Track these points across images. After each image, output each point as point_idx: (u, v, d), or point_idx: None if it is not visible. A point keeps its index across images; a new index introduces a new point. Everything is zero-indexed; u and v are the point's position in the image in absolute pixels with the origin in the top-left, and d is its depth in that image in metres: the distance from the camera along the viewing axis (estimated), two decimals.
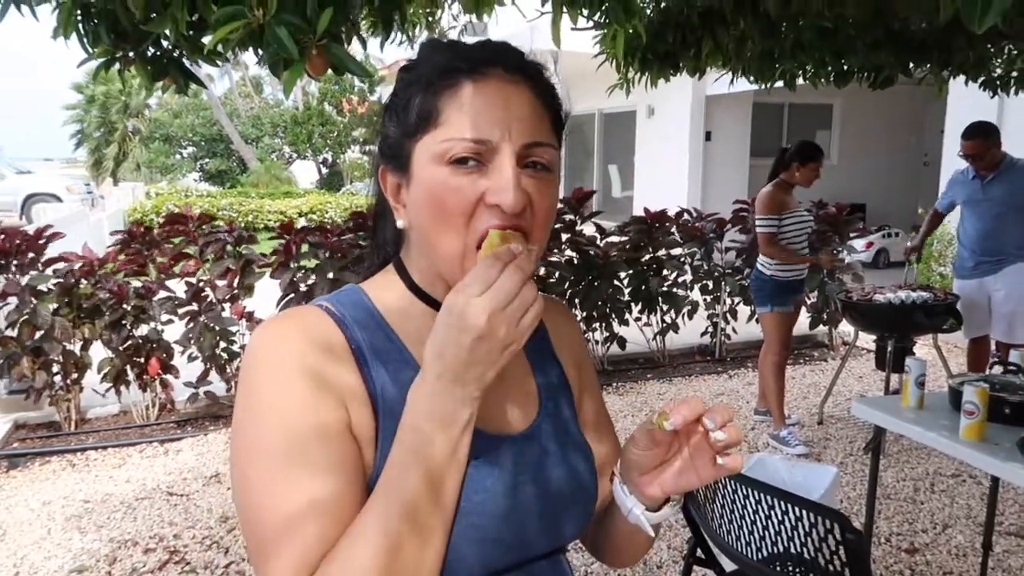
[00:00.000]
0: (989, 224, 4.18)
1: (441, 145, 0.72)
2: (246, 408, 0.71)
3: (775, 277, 4.18)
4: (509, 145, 0.71)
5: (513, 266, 0.64)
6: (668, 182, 11.95)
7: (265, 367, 0.71)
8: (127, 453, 4.17)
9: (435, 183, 0.72)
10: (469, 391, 0.65)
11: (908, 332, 4.11)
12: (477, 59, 0.74)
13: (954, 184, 4.42)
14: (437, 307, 0.79)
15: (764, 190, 4.18)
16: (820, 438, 4.28)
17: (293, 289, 4.55)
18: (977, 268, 4.27)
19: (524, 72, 0.75)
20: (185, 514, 3.43)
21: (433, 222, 0.73)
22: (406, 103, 0.75)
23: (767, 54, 3.15)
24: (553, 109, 0.78)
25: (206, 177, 24.78)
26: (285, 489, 0.66)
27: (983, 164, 4.11)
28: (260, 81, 28.38)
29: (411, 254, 0.82)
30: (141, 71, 1.63)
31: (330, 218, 15.07)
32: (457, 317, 0.63)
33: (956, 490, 3.59)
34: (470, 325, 0.63)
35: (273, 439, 0.68)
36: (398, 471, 0.66)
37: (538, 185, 0.73)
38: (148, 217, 13.94)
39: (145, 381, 4.47)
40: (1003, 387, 2.25)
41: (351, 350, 0.74)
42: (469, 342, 0.63)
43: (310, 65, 1.27)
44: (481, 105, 0.72)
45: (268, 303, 4.57)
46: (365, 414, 0.72)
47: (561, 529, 0.81)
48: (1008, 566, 2.93)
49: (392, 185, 0.79)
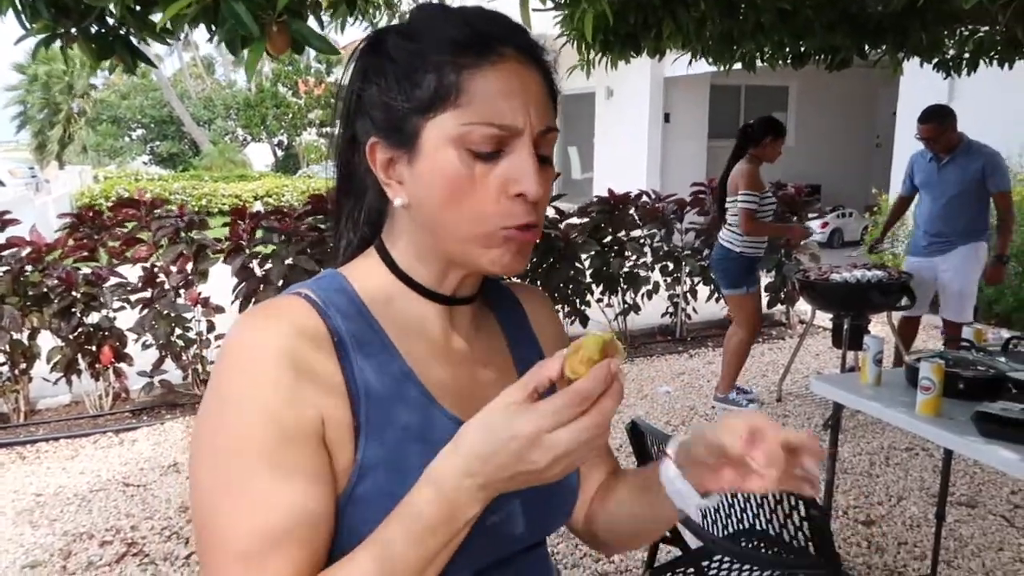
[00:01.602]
0: (942, 206, 4.25)
1: (461, 128, 0.68)
2: (216, 407, 0.67)
3: (745, 253, 4.21)
4: (529, 131, 0.70)
5: (598, 412, 0.59)
6: (627, 164, 12.00)
7: (240, 366, 0.67)
8: (80, 444, 4.06)
9: (454, 168, 0.69)
10: (490, 494, 0.62)
11: (863, 310, 4.19)
12: (493, 36, 0.70)
13: (913, 164, 4.49)
14: (421, 291, 0.78)
15: (742, 167, 4.15)
16: (779, 415, 4.36)
17: (247, 275, 4.46)
18: (928, 248, 4.36)
19: (534, 53, 0.73)
20: (143, 505, 3.35)
21: (450, 206, 0.70)
22: (410, 74, 0.71)
23: (726, 35, 3.16)
24: (553, 91, 0.75)
25: (157, 160, 24.17)
26: (252, 499, 0.63)
27: (939, 147, 4.17)
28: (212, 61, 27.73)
29: (397, 235, 0.78)
30: (85, 49, 1.55)
31: (287, 201, 14.82)
32: (519, 446, 0.59)
33: (910, 463, 3.70)
34: (527, 459, 0.59)
35: (243, 445, 0.64)
36: (392, 549, 0.62)
37: (544, 174, 0.72)
38: (97, 201, 13.55)
39: (98, 370, 4.35)
40: (957, 363, 2.31)
41: (332, 342, 0.70)
42: (518, 471, 0.60)
43: (270, 43, 1.22)
44: (502, 89, 0.69)
45: (224, 289, 4.48)
46: (342, 413, 0.68)
47: (543, 522, 0.79)
48: (960, 535, 3.02)
49: (384, 159, 0.73)
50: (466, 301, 0.81)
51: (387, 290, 0.77)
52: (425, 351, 0.76)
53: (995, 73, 3.69)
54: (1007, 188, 4.13)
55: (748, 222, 4.08)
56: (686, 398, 4.64)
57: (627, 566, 2.83)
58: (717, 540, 1.84)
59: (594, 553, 2.91)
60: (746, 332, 4.33)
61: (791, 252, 5.80)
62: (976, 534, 3.04)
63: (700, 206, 6.01)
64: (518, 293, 0.92)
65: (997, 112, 6.83)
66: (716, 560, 2.05)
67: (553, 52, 0.77)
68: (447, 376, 0.77)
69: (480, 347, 0.82)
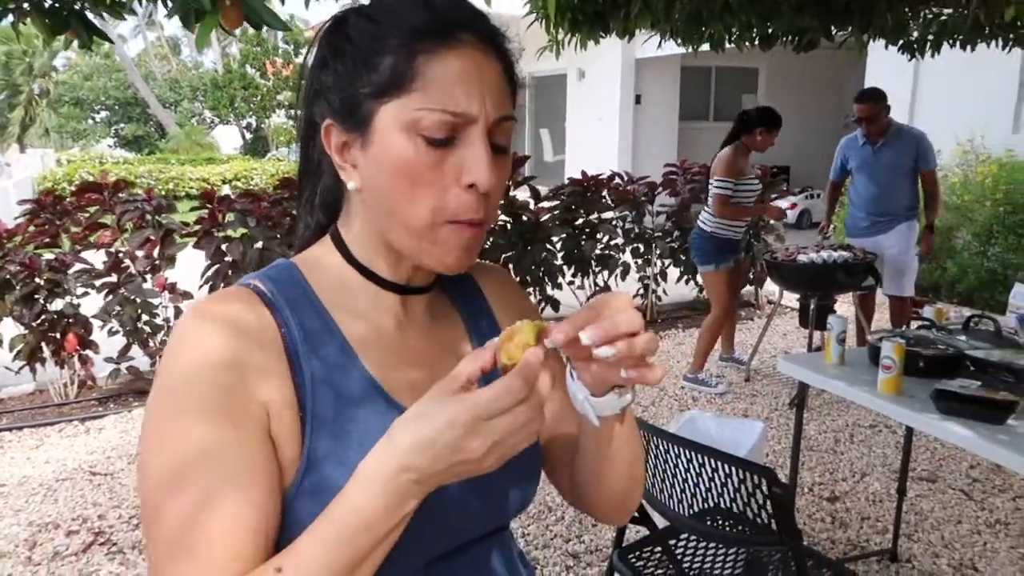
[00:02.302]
0: (882, 186, 4.43)
1: (414, 113, 0.67)
2: (157, 404, 0.66)
3: (715, 234, 4.34)
4: (483, 119, 0.68)
5: (533, 404, 0.58)
6: (599, 145, 12.02)
7: (181, 366, 0.66)
8: (45, 433, 3.99)
9: (405, 154, 0.68)
10: (426, 488, 0.61)
11: (830, 290, 4.27)
12: (454, 22, 0.69)
13: (845, 149, 4.65)
14: (375, 280, 0.76)
15: (724, 152, 4.28)
16: (747, 394, 4.42)
17: (219, 259, 4.40)
18: (871, 227, 4.50)
19: (494, 41, 0.72)
20: (110, 494, 3.31)
21: (399, 193, 0.69)
22: (368, 57, 0.69)
23: (695, 16, 3.16)
24: (513, 79, 0.74)
25: (122, 143, 23.74)
26: (193, 495, 0.62)
27: (875, 128, 4.33)
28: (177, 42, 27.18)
29: (352, 219, 0.77)
30: (39, 24, 1.51)
31: (256, 184, 14.65)
32: (455, 434, 0.57)
33: (873, 439, 3.77)
34: (464, 448, 0.58)
35: (185, 439, 0.63)
36: (319, 549, 0.60)
37: (498, 164, 0.71)
38: (60, 185, 13.29)
39: (63, 358, 4.27)
40: (917, 342, 2.35)
41: (280, 334, 0.70)
42: (454, 460, 0.58)
43: (224, 17, 1.19)
44: (459, 75, 0.68)
45: (192, 274, 4.42)
46: (288, 410, 0.68)
47: (504, 506, 0.79)
48: (920, 509, 3.10)
49: (338, 143, 0.72)
50: (422, 290, 0.80)
51: (340, 279, 0.76)
52: (378, 343, 0.75)
53: (958, 55, 3.75)
54: (935, 166, 4.41)
55: (720, 206, 4.23)
56: None
57: (596, 545, 2.87)
58: (683, 519, 1.86)
59: (564, 534, 2.94)
60: (717, 309, 4.44)
61: (759, 233, 5.86)
62: (936, 508, 3.11)
63: (671, 187, 6.03)
64: (478, 277, 0.89)
65: (960, 94, 6.95)
66: (683, 539, 2.08)
67: (516, 40, 0.76)
68: (400, 368, 0.76)
69: (437, 337, 0.81)
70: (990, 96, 6.76)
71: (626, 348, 0.62)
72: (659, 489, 1.94)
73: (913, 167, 4.35)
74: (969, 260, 6.33)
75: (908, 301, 4.52)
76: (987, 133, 6.69)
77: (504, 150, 0.72)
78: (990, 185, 6.32)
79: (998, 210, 6.20)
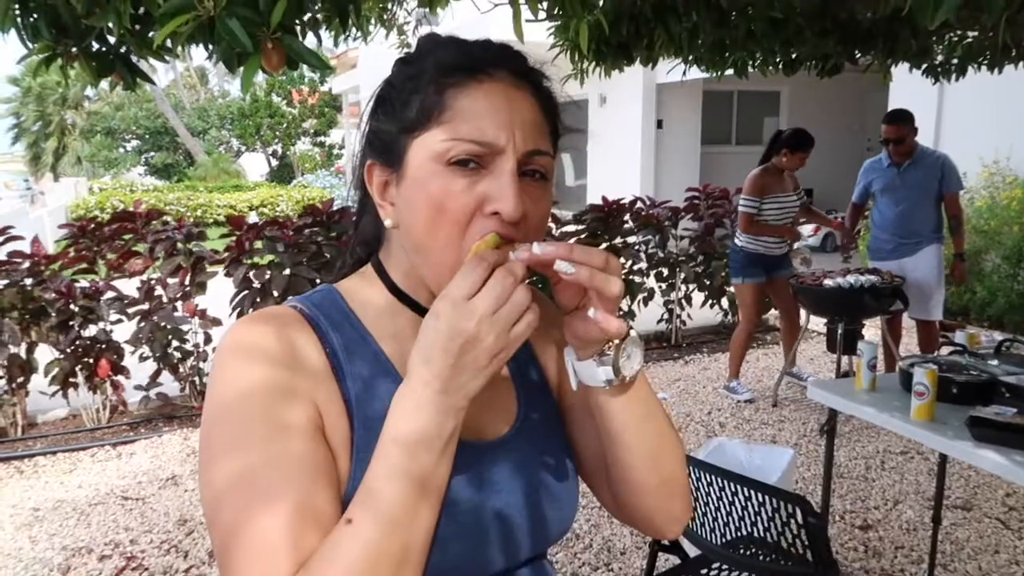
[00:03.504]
0: (907, 208, 4.39)
1: (442, 144, 0.69)
2: (213, 412, 0.69)
3: (744, 248, 4.56)
4: (512, 150, 0.69)
5: (503, 269, 0.62)
6: (621, 170, 12.04)
7: (234, 370, 0.69)
8: (78, 458, 4.05)
9: (433, 184, 0.69)
10: (454, 401, 0.62)
11: (857, 315, 4.23)
12: (484, 59, 0.71)
13: (869, 172, 4.61)
14: (420, 312, 0.77)
15: (752, 172, 4.50)
16: (775, 420, 4.38)
17: (247, 286, 4.47)
18: (896, 250, 4.46)
19: (528, 78, 0.74)
20: (141, 518, 3.35)
21: (427, 225, 0.70)
22: (405, 97, 0.72)
23: (718, 44, 3.19)
24: (552, 118, 0.76)
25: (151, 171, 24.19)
26: (255, 490, 0.64)
27: (902, 149, 4.31)
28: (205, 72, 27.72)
29: (392, 254, 0.79)
30: (85, 67, 1.57)
31: (281, 211, 14.86)
32: (445, 321, 0.61)
33: (905, 467, 3.71)
34: (458, 330, 0.60)
35: (243, 439, 0.65)
36: (378, 484, 0.63)
37: (535, 194, 0.71)
38: (92, 212, 13.57)
39: (95, 383, 4.35)
40: (950, 368, 2.33)
41: (326, 355, 0.72)
42: (456, 348, 0.61)
43: (266, 60, 1.23)
44: (486, 107, 0.69)
45: (222, 300, 4.48)
46: (340, 423, 0.70)
47: (545, 533, 0.80)
48: (956, 538, 3.04)
49: (379, 182, 0.75)
50: None
51: (380, 304, 0.79)
52: None
53: (983, 78, 3.73)
54: (959, 190, 4.37)
55: (745, 223, 4.48)
56: (682, 404, 4.66)
57: (625, 574, 2.84)
58: (715, 548, 1.85)
59: (592, 562, 2.92)
60: (744, 321, 4.69)
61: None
62: (972, 537, 3.05)
63: (694, 212, 6.03)
64: None
65: (986, 116, 6.89)
66: (715, 568, 2.06)
67: (553, 79, 0.78)
68: None
69: None
70: (1015, 118, 6.70)
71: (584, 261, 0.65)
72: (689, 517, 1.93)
73: (938, 189, 4.31)
74: (999, 283, 6.24)
75: (936, 325, 4.47)
76: (1013, 155, 6.63)
77: (543, 177, 0.73)
78: (1017, 208, 6.25)
79: None
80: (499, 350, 0.62)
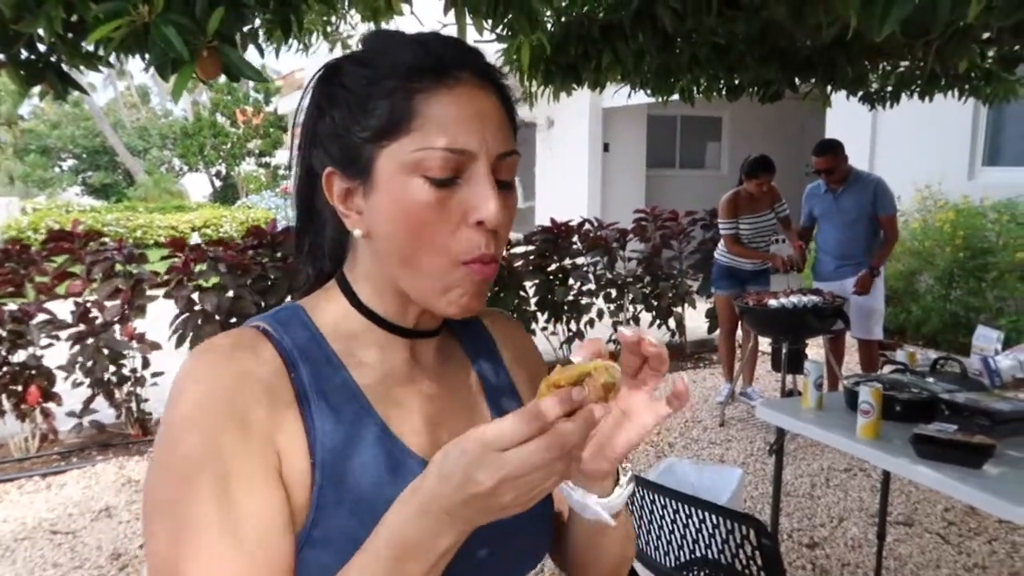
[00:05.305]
0: (845, 232, 4.58)
1: (415, 154, 0.66)
2: (163, 457, 0.64)
3: (719, 260, 4.97)
4: (486, 155, 0.67)
5: (558, 436, 0.54)
6: (569, 193, 12.15)
7: (184, 412, 0.64)
8: (4, 489, 3.84)
9: (411, 198, 0.66)
10: (458, 527, 0.58)
11: (801, 335, 4.30)
12: (447, 59, 0.68)
13: (810, 198, 4.83)
14: (384, 325, 0.75)
15: (724, 196, 4.84)
16: (723, 440, 4.42)
17: (190, 308, 4.33)
18: (837, 271, 4.63)
19: (491, 77, 0.72)
20: (71, 553, 3.18)
21: (411, 240, 0.67)
22: (364, 102, 0.68)
23: (664, 68, 3.24)
24: (512, 116, 0.74)
25: (89, 191, 23.51)
26: (202, 554, 0.60)
27: (834, 177, 4.50)
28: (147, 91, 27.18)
29: (359, 265, 0.75)
30: (13, 76, 1.50)
31: (225, 232, 14.54)
32: (464, 463, 0.55)
33: (849, 483, 3.78)
34: (474, 480, 0.55)
35: (191, 494, 0.61)
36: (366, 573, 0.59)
37: (508, 201, 0.70)
38: (25, 234, 13.04)
39: (24, 410, 4.14)
40: (892, 386, 2.38)
41: (289, 378, 0.68)
42: (467, 495, 0.56)
43: (201, 67, 1.19)
44: (457, 113, 0.67)
45: (162, 323, 4.33)
46: (300, 458, 0.66)
47: (519, 559, 0.77)
48: (899, 554, 3.09)
49: (341, 190, 0.71)
50: (430, 334, 0.78)
51: (348, 323, 0.75)
52: (388, 386, 0.74)
53: (916, 104, 3.88)
54: (894, 212, 4.53)
55: (730, 244, 4.83)
56: None
57: None
58: (668, 571, 1.84)
59: None
60: (721, 329, 5.03)
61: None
62: (915, 552, 3.11)
63: (642, 234, 6.11)
64: (484, 319, 0.88)
65: (918, 141, 7.17)
66: None
67: (507, 76, 0.76)
68: (411, 412, 0.74)
69: (446, 379, 0.80)
70: (946, 144, 6.99)
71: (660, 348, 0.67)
72: (643, 540, 1.92)
73: (873, 212, 4.47)
74: (932, 303, 6.46)
75: (876, 344, 4.59)
76: (944, 180, 6.90)
77: (509, 185, 0.71)
78: (948, 231, 6.49)
79: (958, 255, 6.35)
80: (515, 507, 0.57)
